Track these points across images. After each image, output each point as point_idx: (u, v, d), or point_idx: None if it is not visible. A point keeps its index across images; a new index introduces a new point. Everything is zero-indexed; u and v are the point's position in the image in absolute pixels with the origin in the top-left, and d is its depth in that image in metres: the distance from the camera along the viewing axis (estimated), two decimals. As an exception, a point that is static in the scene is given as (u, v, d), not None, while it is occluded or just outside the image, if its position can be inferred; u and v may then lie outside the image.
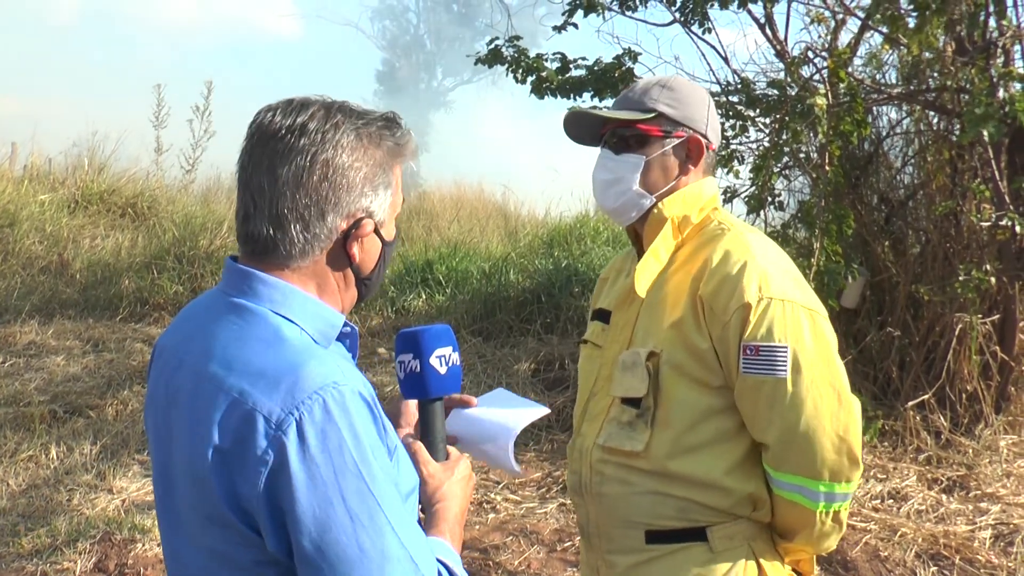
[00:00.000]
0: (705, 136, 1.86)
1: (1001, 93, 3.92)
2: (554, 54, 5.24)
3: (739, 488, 1.73)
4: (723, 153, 5.05)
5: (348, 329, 1.34)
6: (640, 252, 1.90)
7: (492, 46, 5.29)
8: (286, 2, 63.64)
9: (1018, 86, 4.07)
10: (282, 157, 1.25)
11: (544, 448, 5.21)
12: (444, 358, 1.51)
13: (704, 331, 1.71)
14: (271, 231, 1.26)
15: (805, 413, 1.66)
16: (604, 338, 1.92)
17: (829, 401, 1.68)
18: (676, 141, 1.83)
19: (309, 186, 1.25)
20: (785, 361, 1.66)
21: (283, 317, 1.25)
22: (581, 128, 1.93)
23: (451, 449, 1.52)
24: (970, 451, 4.80)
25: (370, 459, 1.17)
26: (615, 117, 1.85)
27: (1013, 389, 5.04)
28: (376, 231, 1.33)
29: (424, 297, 7.83)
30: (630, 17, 5.40)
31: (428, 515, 1.40)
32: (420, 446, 1.47)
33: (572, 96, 5.14)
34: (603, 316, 1.95)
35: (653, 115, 1.82)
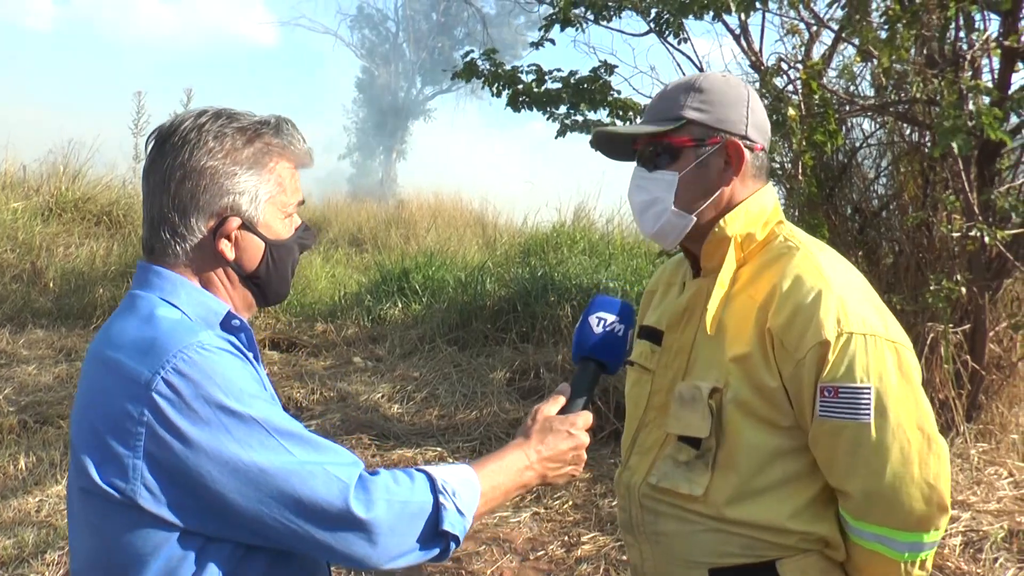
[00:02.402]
0: (746, 137, 1.64)
1: (970, 106, 3.95)
2: (529, 66, 5.26)
3: (805, 530, 1.56)
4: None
5: (237, 323, 1.36)
6: (696, 269, 1.73)
7: (468, 59, 5.30)
8: (262, 10, 63.59)
9: (986, 99, 4.11)
10: (154, 165, 1.34)
11: (519, 457, 5.19)
12: (604, 321, 1.58)
13: (774, 368, 1.53)
14: (148, 235, 1.35)
15: (892, 461, 1.48)
16: (654, 361, 1.73)
17: (918, 446, 1.49)
18: (711, 149, 1.62)
19: (171, 190, 1.32)
20: (868, 404, 1.47)
21: (167, 302, 1.31)
22: (614, 146, 1.75)
23: (584, 413, 1.55)
24: (942, 459, 4.83)
25: (246, 396, 1.22)
26: (641, 132, 1.66)
27: (983, 398, 5.07)
28: (249, 228, 1.36)
29: (400, 306, 7.81)
30: (606, 27, 5.43)
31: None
32: (558, 395, 1.55)
33: (548, 108, 5.16)
34: (653, 336, 1.76)
35: (682, 123, 1.62)
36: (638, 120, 5.78)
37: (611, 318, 1.56)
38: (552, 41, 5.34)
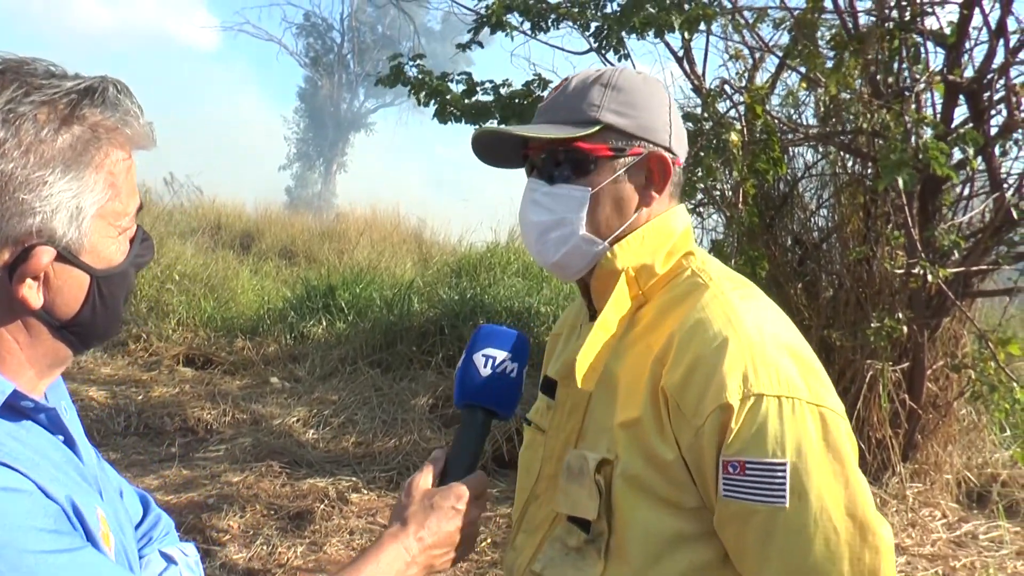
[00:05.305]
0: (670, 149, 1.34)
1: (914, 140, 3.84)
2: (459, 75, 4.98)
3: None
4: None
5: (29, 405, 0.95)
6: (592, 312, 1.40)
7: (395, 63, 5.01)
8: (204, 14, 62.71)
9: (930, 132, 4.01)
10: None
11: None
12: (493, 360, 1.26)
13: (670, 436, 1.22)
14: None
15: (814, 554, 1.18)
16: (548, 420, 1.41)
17: (847, 537, 1.18)
18: (631, 161, 1.31)
19: None
20: (783, 483, 1.17)
21: None
22: (499, 148, 1.40)
23: (471, 479, 1.23)
24: (878, 500, 4.71)
25: (27, 557, 0.83)
26: (544, 136, 1.31)
27: (920, 437, 4.99)
28: (68, 259, 0.93)
29: (324, 324, 7.48)
30: (545, 43, 5.22)
31: None
32: (431, 463, 1.23)
33: (476, 121, 4.90)
34: (551, 389, 1.43)
35: (597, 128, 1.30)
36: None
37: (501, 355, 1.25)
38: (480, 43, 5.06)
